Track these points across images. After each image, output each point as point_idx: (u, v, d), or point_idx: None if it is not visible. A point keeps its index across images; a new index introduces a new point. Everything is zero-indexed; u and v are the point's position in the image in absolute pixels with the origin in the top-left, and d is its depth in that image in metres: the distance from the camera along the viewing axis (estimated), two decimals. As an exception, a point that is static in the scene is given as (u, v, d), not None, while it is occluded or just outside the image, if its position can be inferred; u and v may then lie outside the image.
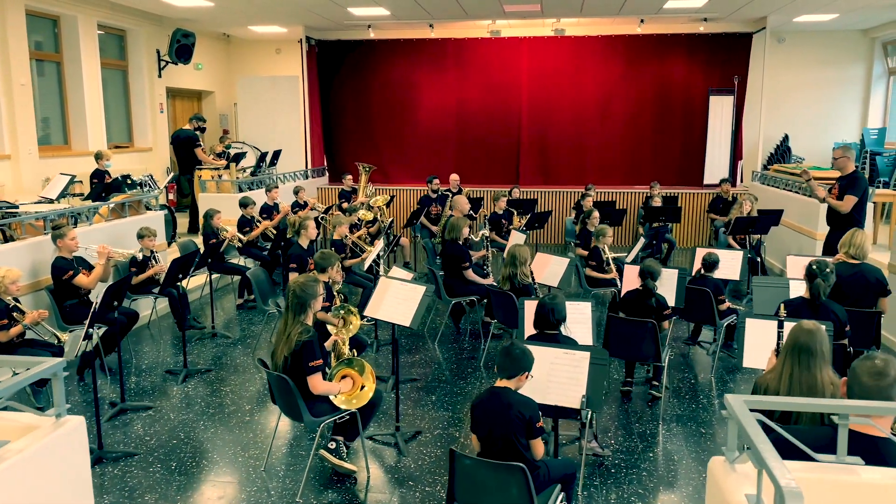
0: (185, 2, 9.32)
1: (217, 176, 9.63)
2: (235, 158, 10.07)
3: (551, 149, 12.33)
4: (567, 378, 3.58)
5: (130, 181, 8.23)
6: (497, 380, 3.18)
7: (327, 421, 3.86)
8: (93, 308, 4.30)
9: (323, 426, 3.85)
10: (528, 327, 4.24)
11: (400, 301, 4.42)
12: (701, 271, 5.84)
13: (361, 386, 3.96)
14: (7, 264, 4.89)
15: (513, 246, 5.95)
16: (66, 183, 7.10)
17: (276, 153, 10.99)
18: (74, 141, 9.37)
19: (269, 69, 13.09)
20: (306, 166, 12.05)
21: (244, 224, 7.77)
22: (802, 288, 4.34)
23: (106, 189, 7.49)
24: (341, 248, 6.82)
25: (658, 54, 11.83)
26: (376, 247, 6.70)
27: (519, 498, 2.79)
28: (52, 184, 7.25)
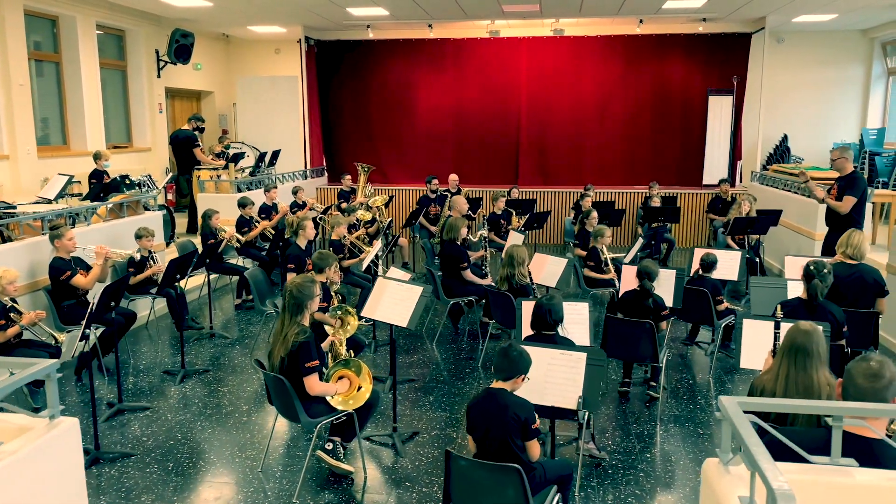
0: (184, 2, 9.32)
1: (216, 176, 9.63)
2: (234, 158, 10.06)
3: (550, 149, 12.32)
4: (564, 379, 3.58)
5: (129, 181, 8.22)
6: (493, 381, 3.18)
7: (324, 422, 3.86)
8: (90, 308, 4.30)
9: (320, 427, 3.85)
10: (526, 328, 4.23)
11: (397, 302, 4.42)
12: (699, 272, 5.84)
13: (358, 387, 3.96)
14: (5, 265, 4.89)
15: (510, 246, 5.95)
16: (65, 183, 7.11)
17: (275, 153, 10.98)
18: (73, 141, 9.37)
19: (269, 69, 13.10)
20: (305, 166, 12.05)
21: (243, 224, 7.77)
22: (800, 288, 4.33)
23: (104, 189, 7.49)
24: (339, 249, 6.82)
25: (657, 54, 11.82)
26: (374, 247, 6.70)
27: (515, 499, 2.79)
28: (51, 184, 7.25)
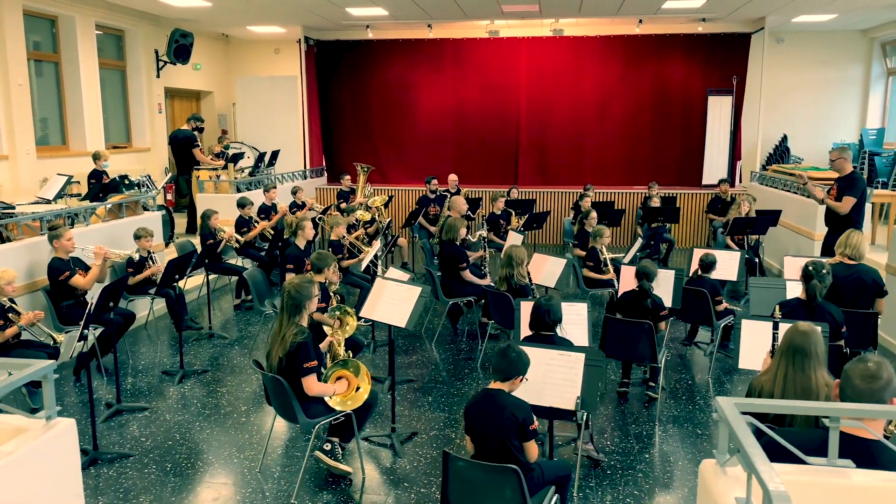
0: (183, 2, 9.32)
1: (215, 176, 9.62)
2: (233, 159, 10.06)
3: (550, 149, 12.32)
4: (562, 379, 3.58)
5: (128, 181, 8.22)
6: (491, 381, 3.18)
7: (322, 422, 3.85)
8: (87, 309, 4.30)
9: (318, 427, 3.85)
10: (525, 328, 4.23)
11: (395, 302, 4.42)
12: (698, 272, 5.84)
13: (357, 387, 3.96)
14: (3, 265, 4.89)
15: (509, 247, 5.95)
16: (64, 183, 7.11)
17: (275, 153, 10.98)
18: (72, 141, 9.37)
19: (268, 69, 13.09)
20: (305, 166, 12.05)
21: (242, 224, 7.77)
22: (799, 289, 4.33)
23: (103, 189, 7.49)
24: (339, 249, 6.81)
25: (657, 54, 11.82)
26: (374, 247, 6.70)
27: (512, 500, 2.78)
28: (49, 184, 7.25)
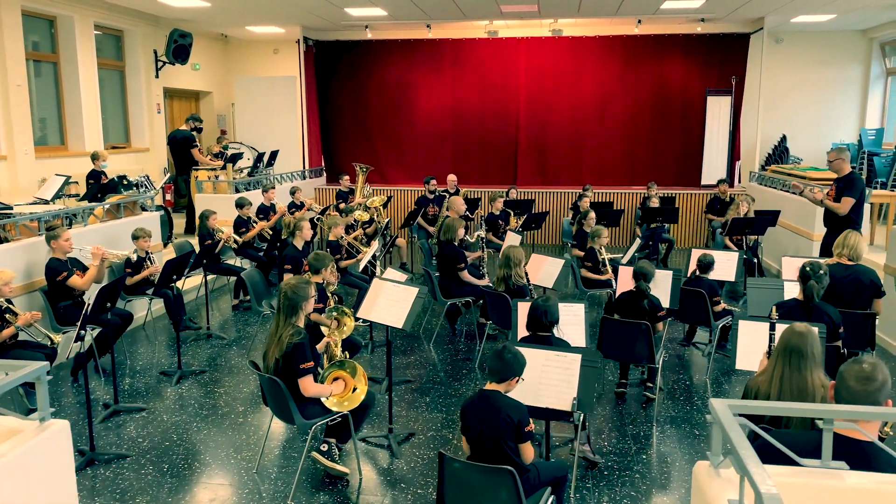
0: (182, 2, 9.32)
1: (214, 176, 9.62)
2: (232, 159, 10.05)
3: (549, 149, 12.31)
4: (559, 380, 3.57)
5: (127, 182, 8.20)
6: (488, 382, 3.18)
7: (319, 423, 3.85)
8: (84, 310, 4.30)
9: (315, 428, 3.85)
10: (522, 329, 4.23)
11: (393, 303, 4.42)
12: (696, 272, 5.84)
13: (353, 388, 3.96)
14: (1, 265, 4.89)
15: (507, 247, 5.94)
16: (62, 184, 7.11)
17: (274, 154, 10.97)
18: (71, 141, 9.37)
19: (267, 69, 13.09)
20: (304, 167, 12.04)
21: (240, 225, 7.76)
22: (797, 289, 4.33)
23: (102, 190, 7.48)
24: (337, 249, 6.81)
25: (656, 55, 11.81)
26: (372, 248, 6.70)
27: (508, 501, 2.78)
28: (48, 184, 7.25)
